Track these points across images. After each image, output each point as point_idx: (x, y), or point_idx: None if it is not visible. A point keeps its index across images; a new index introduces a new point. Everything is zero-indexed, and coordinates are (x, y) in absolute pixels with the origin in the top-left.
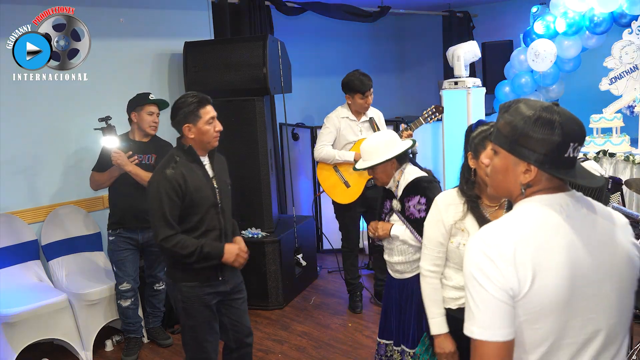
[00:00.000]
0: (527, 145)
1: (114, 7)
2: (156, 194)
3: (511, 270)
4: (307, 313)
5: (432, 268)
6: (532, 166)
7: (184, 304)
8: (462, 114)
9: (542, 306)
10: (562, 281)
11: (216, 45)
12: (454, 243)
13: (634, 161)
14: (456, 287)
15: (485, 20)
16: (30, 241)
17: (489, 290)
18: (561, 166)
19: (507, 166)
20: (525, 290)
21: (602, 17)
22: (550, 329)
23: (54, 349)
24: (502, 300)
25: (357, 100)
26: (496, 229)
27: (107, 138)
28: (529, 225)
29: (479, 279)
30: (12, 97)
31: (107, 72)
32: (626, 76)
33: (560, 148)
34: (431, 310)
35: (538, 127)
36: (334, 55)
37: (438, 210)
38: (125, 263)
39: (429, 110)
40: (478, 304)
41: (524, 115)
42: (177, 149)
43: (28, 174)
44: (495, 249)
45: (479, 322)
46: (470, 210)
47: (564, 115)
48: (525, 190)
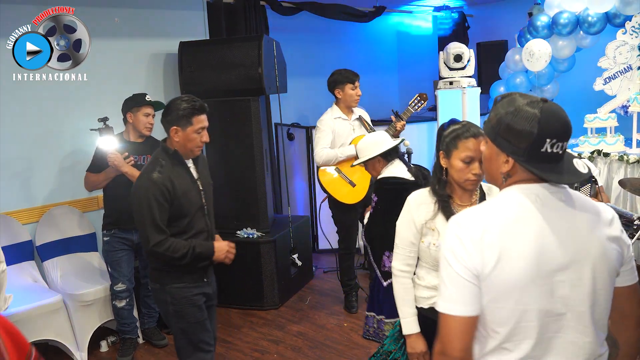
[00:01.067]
0: (506, 137)
1: (109, 6)
2: (144, 199)
3: (477, 251)
4: (302, 313)
5: (404, 268)
6: (510, 157)
7: (174, 307)
8: (458, 114)
9: (505, 287)
10: (526, 265)
11: (211, 45)
12: (425, 243)
13: (628, 161)
14: (428, 287)
15: (480, 20)
16: (25, 242)
17: (455, 269)
18: (538, 160)
19: (492, 155)
20: (489, 270)
21: (596, 17)
22: (513, 308)
23: (49, 350)
24: (466, 278)
25: (348, 91)
26: (470, 213)
27: (104, 139)
28: (501, 212)
29: (448, 257)
30: (12, 97)
31: (101, 72)
32: (620, 76)
33: (535, 143)
34: (403, 310)
35: (517, 120)
36: (329, 55)
37: (409, 209)
38: (120, 263)
39: (414, 99)
40: (445, 281)
41: (508, 109)
42: (162, 152)
43: (22, 174)
44: (465, 231)
45: (445, 297)
46: (441, 209)
47: (547, 111)
48: (506, 180)
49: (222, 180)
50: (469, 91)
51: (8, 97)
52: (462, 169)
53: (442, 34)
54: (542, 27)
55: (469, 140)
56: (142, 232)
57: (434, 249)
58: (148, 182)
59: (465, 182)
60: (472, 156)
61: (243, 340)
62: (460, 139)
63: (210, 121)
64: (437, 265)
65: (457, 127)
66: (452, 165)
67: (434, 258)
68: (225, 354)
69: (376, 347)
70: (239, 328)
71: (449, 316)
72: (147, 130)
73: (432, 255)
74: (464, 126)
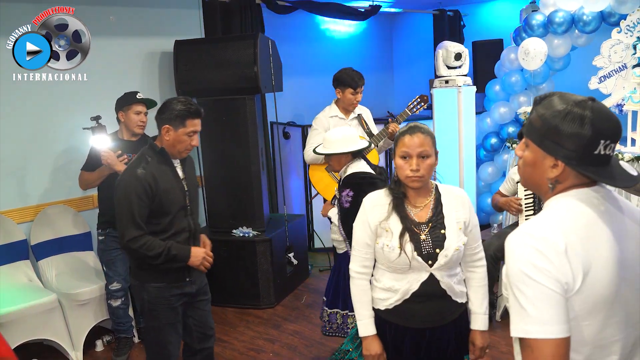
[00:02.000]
0: (556, 139)
1: (104, 5)
2: (125, 194)
3: (565, 263)
4: (298, 312)
5: (360, 270)
6: (560, 162)
7: (150, 305)
8: (453, 113)
9: (595, 301)
10: (611, 275)
11: (207, 44)
12: (379, 244)
13: (623, 159)
14: (384, 289)
15: (475, 19)
16: (20, 241)
17: (545, 284)
18: (590, 163)
19: (536, 160)
20: (579, 284)
21: (591, 16)
22: (600, 325)
23: (44, 350)
24: (559, 293)
25: (347, 95)
26: (542, 223)
27: (97, 137)
28: (573, 219)
29: (532, 274)
30: (10, 97)
31: (97, 71)
32: (615, 75)
33: (589, 145)
34: (359, 312)
35: (568, 122)
36: (325, 54)
37: (364, 211)
38: (116, 262)
39: (414, 101)
40: (533, 301)
41: (555, 109)
42: (149, 149)
43: (17, 173)
44: (546, 243)
45: (536, 319)
46: (394, 209)
47: (597, 111)
48: (555, 187)
49: (217, 179)
50: (465, 90)
51: (7, 96)
52: (401, 166)
53: (438, 32)
54: (537, 26)
55: (405, 137)
56: (119, 226)
57: (387, 250)
58: (131, 177)
59: (406, 179)
60: (408, 152)
61: (239, 339)
62: (400, 137)
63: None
64: (391, 266)
65: (404, 128)
66: (395, 164)
67: (387, 259)
68: (221, 353)
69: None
70: (234, 327)
71: (546, 341)
72: (139, 129)
73: (386, 256)
74: (410, 126)
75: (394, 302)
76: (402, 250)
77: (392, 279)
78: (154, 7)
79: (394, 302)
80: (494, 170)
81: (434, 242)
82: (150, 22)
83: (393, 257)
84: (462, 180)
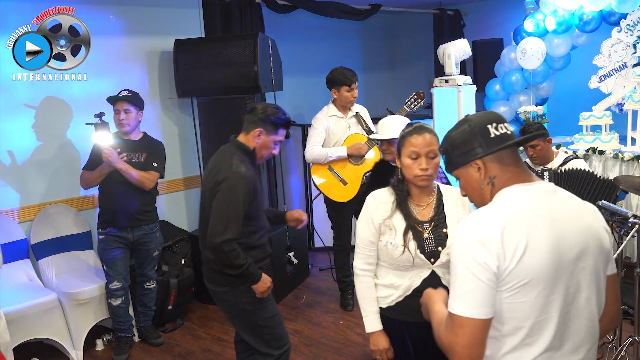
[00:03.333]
0: (461, 151)
1: (104, 4)
2: (232, 193)
3: (499, 249)
4: (298, 311)
5: (364, 267)
6: (479, 160)
7: (252, 305)
8: (453, 112)
9: (530, 279)
10: (548, 256)
11: (207, 43)
12: (383, 241)
13: (623, 158)
14: (386, 285)
15: (475, 18)
16: (20, 240)
17: (474, 272)
18: (495, 144)
19: (467, 177)
20: (513, 265)
21: (592, 15)
22: (536, 301)
23: (44, 349)
24: (485, 282)
25: (343, 93)
26: (482, 214)
27: (99, 134)
28: (513, 207)
29: (466, 261)
30: (10, 97)
31: (97, 71)
32: (615, 74)
33: (481, 133)
34: (365, 308)
35: (458, 134)
36: (325, 53)
37: (368, 209)
38: (116, 262)
39: (410, 98)
40: (462, 285)
41: (447, 137)
42: (238, 149)
43: (17, 172)
44: (483, 231)
45: (462, 300)
46: (398, 207)
47: (472, 115)
48: (493, 182)
49: None
50: (465, 89)
51: (7, 96)
52: (410, 165)
53: (438, 32)
54: (537, 25)
55: (413, 137)
56: (217, 224)
57: (391, 248)
58: (238, 176)
59: (415, 178)
60: (417, 151)
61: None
62: (406, 137)
63: (206, 119)
64: (393, 263)
65: (409, 128)
66: (403, 163)
67: (390, 256)
68: (222, 353)
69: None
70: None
71: (466, 319)
72: (120, 127)
73: (389, 253)
74: (411, 126)
75: (395, 298)
76: (406, 247)
77: (394, 275)
78: (154, 7)
79: (395, 299)
80: None
81: (436, 241)
82: (150, 21)
83: (396, 255)
84: None
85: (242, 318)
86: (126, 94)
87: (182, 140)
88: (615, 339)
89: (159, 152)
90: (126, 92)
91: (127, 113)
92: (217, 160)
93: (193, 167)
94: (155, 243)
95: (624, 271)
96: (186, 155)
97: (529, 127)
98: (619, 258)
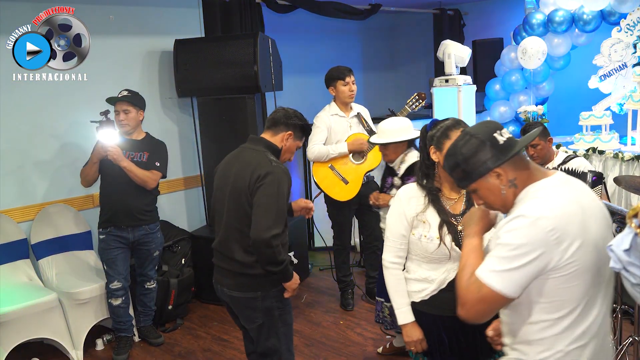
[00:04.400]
0: (477, 163)
1: (104, 4)
2: (278, 187)
3: (558, 238)
4: (298, 311)
5: (395, 260)
6: (495, 169)
7: (280, 311)
8: (453, 112)
9: (582, 266)
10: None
11: (207, 43)
12: (416, 235)
13: (623, 158)
14: (419, 279)
15: (475, 18)
16: (20, 240)
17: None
18: (507, 150)
19: (487, 186)
20: (569, 254)
21: (592, 15)
22: (587, 285)
23: (44, 349)
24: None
25: (340, 87)
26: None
27: (104, 132)
28: (555, 199)
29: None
30: (10, 97)
31: (97, 70)
32: (615, 74)
33: (490, 142)
34: (397, 301)
35: (468, 148)
36: (325, 53)
37: (400, 202)
38: (116, 262)
39: (412, 98)
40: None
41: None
42: (267, 147)
43: (17, 172)
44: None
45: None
46: (431, 202)
47: (473, 128)
48: (515, 184)
49: None
50: (465, 89)
51: (7, 96)
52: None
53: (438, 31)
54: (537, 25)
55: (459, 131)
56: (264, 219)
57: (425, 241)
58: (280, 169)
59: None
60: None
61: (239, 338)
62: (452, 130)
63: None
64: (427, 257)
65: (447, 122)
66: (439, 158)
67: (424, 249)
68: (222, 352)
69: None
70: (235, 326)
71: (497, 294)
72: (120, 127)
73: (424, 247)
74: (454, 120)
75: (429, 292)
76: (442, 241)
77: (429, 269)
78: (154, 6)
79: (429, 293)
80: None
81: None
82: (150, 21)
83: (432, 248)
84: None
85: (269, 324)
86: (125, 94)
87: (182, 140)
88: (615, 338)
89: (162, 152)
90: (126, 92)
91: (127, 113)
92: (248, 158)
93: (193, 167)
94: (155, 243)
95: None
96: (186, 155)
97: (529, 126)
98: None
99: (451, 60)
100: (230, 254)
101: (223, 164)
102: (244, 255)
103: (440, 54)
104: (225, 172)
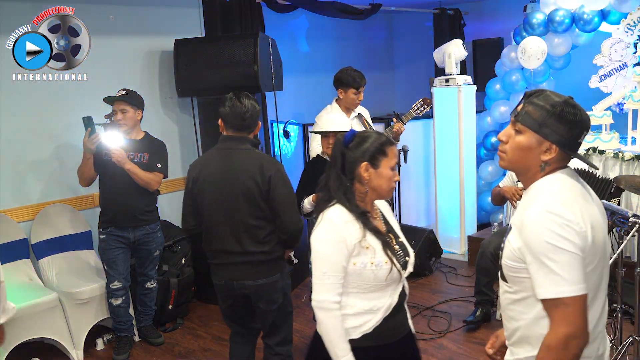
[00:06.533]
0: (554, 128)
1: (104, 4)
2: (288, 181)
3: (583, 229)
4: (298, 310)
5: (337, 299)
6: (554, 146)
7: (289, 288)
8: (453, 112)
9: (595, 255)
10: (604, 233)
11: (207, 43)
12: (358, 264)
13: (623, 158)
14: (359, 313)
15: (475, 18)
16: (20, 240)
17: (572, 251)
18: (574, 149)
19: (531, 145)
20: (589, 244)
21: (592, 14)
22: (598, 273)
23: (45, 348)
24: (581, 255)
25: (350, 95)
26: (554, 198)
27: (108, 134)
28: (570, 190)
29: (560, 243)
30: (10, 97)
31: (97, 70)
32: (615, 74)
33: (579, 134)
34: (342, 347)
35: (565, 114)
36: (325, 53)
37: (337, 228)
38: (117, 261)
39: (417, 103)
40: (563, 266)
41: (555, 102)
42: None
43: (17, 172)
44: (566, 214)
45: (569, 281)
46: (364, 225)
47: (580, 108)
48: (544, 168)
49: None
50: (465, 89)
51: (7, 96)
52: (392, 177)
53: (438, 31)
54: (537, 25)
55: (394, 147)
56: (292, 211)
57: (372, 269)
58: (280, 165)
59: (390, 190)
60: (397, 162)
61: None
62: (388, 146)
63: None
64: (374, 285)
65: (376, 136)
66: (382, 174)
67: (372, 279)
68: (222, 352)
69: None
70: None
71: (578, 298)
72: (118, 127)
73: (371, 276)
74: (384, 135)
75: (374, 323)
76: (393, 264)
77: (373, 298)
78: (154, 6)
79: (374, 324)
80: (494, 169)
81: (403, 251)
82: (150, 21)
83: (383, 275)
84: (462, 179)
85: (283, 305)
86: (122, 94)
87: (182, 140)
88: (615, 338)
89: (162, 152)
90: (123, 92)
91: (124, 113)
92: (246, 159)
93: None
94: (156, 243)
95: (624, 271)
96: (186, 155)
97: None
98: (619, 257)
99: (451, 59)
100: (243, 248)
101: (210, 167)
102: (257, 246)
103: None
104: (223, 176)
